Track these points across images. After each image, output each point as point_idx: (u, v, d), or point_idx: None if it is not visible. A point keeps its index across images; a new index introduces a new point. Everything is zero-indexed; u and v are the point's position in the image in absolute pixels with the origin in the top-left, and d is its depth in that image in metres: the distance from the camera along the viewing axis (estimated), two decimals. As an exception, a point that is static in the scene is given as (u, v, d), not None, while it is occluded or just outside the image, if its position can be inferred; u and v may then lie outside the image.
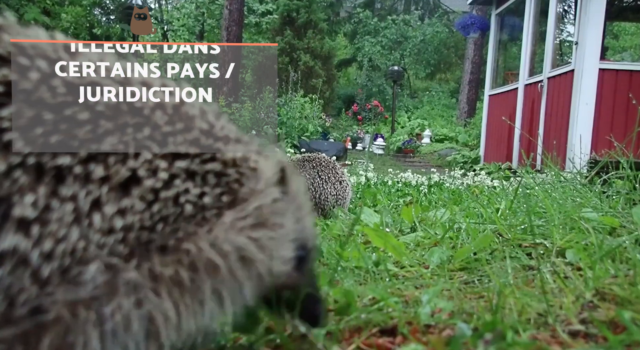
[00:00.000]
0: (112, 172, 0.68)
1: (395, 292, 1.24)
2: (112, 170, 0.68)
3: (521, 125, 8.92)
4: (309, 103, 13.57)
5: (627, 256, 1.34)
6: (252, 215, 0.80)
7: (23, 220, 0.61)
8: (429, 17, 25.59)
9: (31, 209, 0.62)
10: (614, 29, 22.18)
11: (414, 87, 26.28)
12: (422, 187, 4.38)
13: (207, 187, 0.77)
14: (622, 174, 2.30)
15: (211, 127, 0.82)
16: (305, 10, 19.88)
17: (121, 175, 0.69)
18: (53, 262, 0.63)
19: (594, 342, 0.95)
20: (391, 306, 1.11)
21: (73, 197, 0.65)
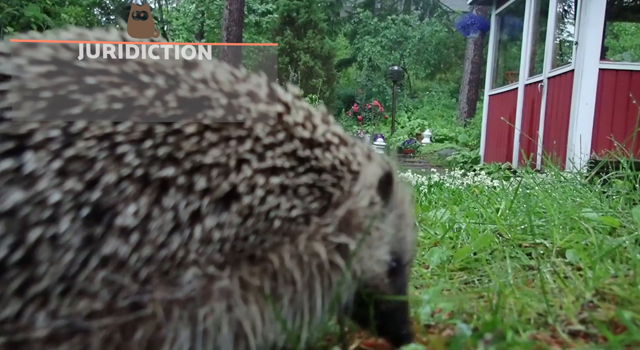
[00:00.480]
0: (214, 185, 0.73)
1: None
2: (213, 183, 0.73)
3: (521, 125, 8.92)
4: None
5: (627, 256, 1.33)
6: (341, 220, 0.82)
7: (124, 228, 0.67)
8: (428, 17, 25.58)
9: (132, 218, 0.68)
10: (614, 29, 22.18)
11: (414, 87, 26.28)
12: (422, 187, 4.38)
13: (297, 199, 0.80)
14: (622, 174, 2.30)
15: (313, 133, 0.84)
16: (305, 10, 19.88)
17: (222, 189, 0.73)
18: (152, 265, 0.69)
19: (594, 342, 0.95)
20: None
21: (174, 208, 0.70)
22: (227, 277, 0.73)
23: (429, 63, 25.01)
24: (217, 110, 0.77)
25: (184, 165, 0.71)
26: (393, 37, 24.28)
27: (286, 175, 0.79)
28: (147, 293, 0.68)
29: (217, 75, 0.82)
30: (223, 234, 0.73)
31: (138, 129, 0.71)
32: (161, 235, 0.69)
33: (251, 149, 0.77)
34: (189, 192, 0.71)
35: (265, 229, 0.77)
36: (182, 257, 0.70)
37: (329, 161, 0.84)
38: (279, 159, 0.79)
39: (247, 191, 0.75)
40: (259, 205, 0.76)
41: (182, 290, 0.70)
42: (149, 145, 0.71)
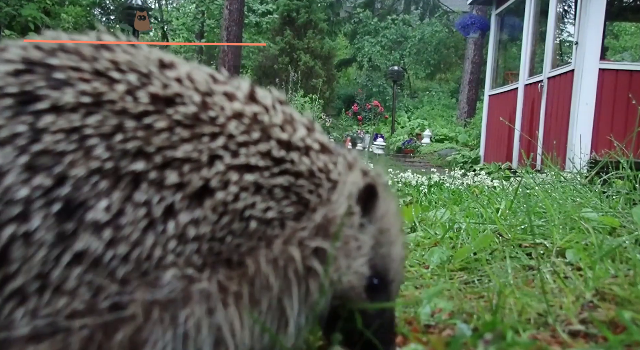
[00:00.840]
0: (186, 180, 0.72)
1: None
2: (185, 178, 0.72)
3: (521, 125, 8.91)
4: (309, 103, 13.56)
5: (627, 256, 1.34)
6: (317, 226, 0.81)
7: (96, 224, 0.67)
8: (428, 17, 25.58)
9: (104, 213, 0.67)
10: (614, 29, 22.18)
11: (414, 87, 26.28)
12: (422, 187, 4.38)
13: (273, 201, 0.78)
14: (622, 174, 2.30)
15: (291, 137, 0.83)
16: (305, 10, 19.88)
17: (194, 184, 0.72)
18: (128, 264, 0.68)
19: (594, 342, 0.95)
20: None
21: (147, 203, 0.69)
22: (206, 279, 0.72)
23: (429, 63, 25.01)
24: (189, 107, 0.76)
25: (154, 160, 0.71)
26: (393, 37, 24.28)
27: (260, 174, 0.78)
28: (127, 294, 0.68)
29: (193, 75, 0.81)
30: (198, 231, 0.72)
31: (108, 122, 0.70)
32: (135, 232, 0.68)
33: (224, 145, 0.76)
34: (161, 187, 0.70)
35: (241, 231, 0.76)
36: (159, 257, 0.69)
37: (306, 166, 0.82)
38: (252, 157, 0.78)
39: (220, 187, 0.74)
40: (232, 202, 0.75)
41: (162, 291, 0.69)
42: (118, 139, 0.70)
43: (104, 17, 23.59)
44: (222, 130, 0.77)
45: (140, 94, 0.74)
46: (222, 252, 0.74)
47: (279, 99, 0.89)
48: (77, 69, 0.73)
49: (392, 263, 0.91)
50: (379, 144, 15.83)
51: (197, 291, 0.71)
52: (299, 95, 13.28)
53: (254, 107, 0.82)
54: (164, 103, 0.75)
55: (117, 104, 0.72)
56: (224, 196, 0.74)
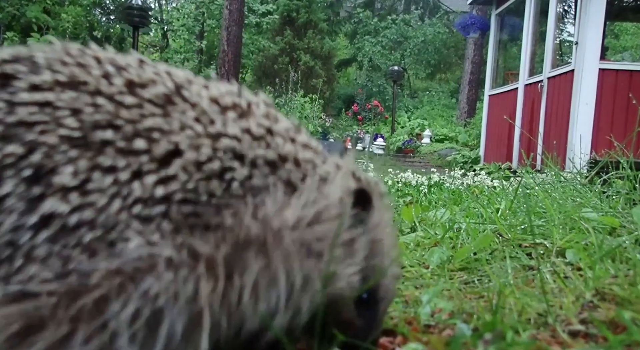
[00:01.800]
0: (154, 146, 0.71)
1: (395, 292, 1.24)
2: (153, 144, 0.71)
3: (521, 125, 8.92)
4: (309, 103, 13.57)
5: (627, 256, 1.34)
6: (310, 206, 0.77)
7: (63, 187, 0.67)
8: (429, 17, 25.59)
9: (71, 178, 0.67)
10: (614, 29, 22.18)
11: (414, 87, 26.28)
12: (422, 187, 4.38)
13: (257, 170, 0.76)
14: (622, 174, 2.30)
15: (272, 125, 0.81)
16: (305, 10, 19.89)
17: (162, 147, 0.71)
18: (95, 230, 0.67)
19: (594, 342, 0.95)
20: (391, 306, 1.11)
21: (113, 169, 0.69)
22: (173, 245, 0.69)
23: (429, 63, 25.02)
24: (161, 88, 0.77)
25: (123, 130, 0.71)
26: (393, 37, 24.28)
27: (239, 143, 0.75)
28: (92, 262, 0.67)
29: (173, 71, 0.82)
30: (167, 190, 0.70)
31: (81, 99, 0.72)
32: (102, 198, 0.68)
33: (196, 118, 0.75)
34: (129, 153, 0.70)
35: (222, 192, 0.73)
36: (125, 223, 0.68)
37: (290, 153, 0.80)
38: (230, 128, 0.76)
39: (190, 148, 0.72)
40: (207, 163, 0.72)
41: (126, 259, 0.68)
42: (89, 111, 0.71)
43: (104, 17, 23.60)
44: (195, 107, 0.76)
45: (115, 79, 0.76)
46: (198, 214, 0.71)
47: (265, 100, 0.87)
48: (60, 60, 0.76)
49: (383, 278, 0.87)
50: (379, 144, 15.84)
51: (162, 259, 0.69)
52: (299, 95, 13.28)
53: (234, 97, 0.82)
54: (138, 86, 0.76)
55: (92, 85, 0.74)
56: (195, 156, 0.72)
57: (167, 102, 0.76)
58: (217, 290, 0.71)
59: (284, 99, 13.36)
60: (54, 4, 15.82)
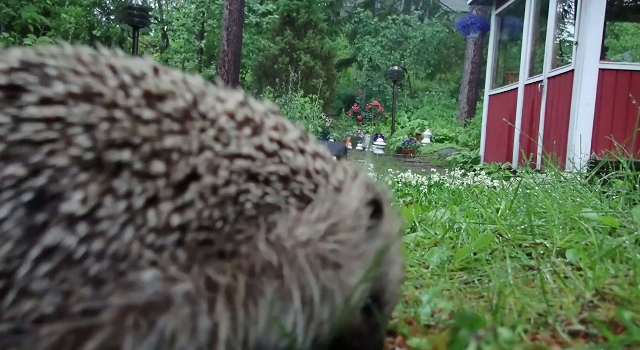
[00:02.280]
0: (172, 169, 0.67)
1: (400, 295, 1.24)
2: (171, 167, 0.67)
3: (521, 125, 8.92)
4: (309, 103, 13.58)
5: (627, 256, 1.33)
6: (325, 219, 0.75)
7: (70, 216, 0.61)
8: (429, 17, 25.59)
9: (79, 205, 0.61)
10: (614, 29, 22.18)
11: (414, 87, 26.29)
12: (422, 187, 4.38)
13: (270, 188, 0.74)
14: (622, 174, 2.30)
15: (282, 137, 0.79)
16: (305, 10, 19.90)
17: (180, 171, 0.67)
18: (103, 262, 0.62)
19: (594, 342, 0.95)
20: (391, 306, 1.11)
21: (128, 194, 0.64)
22: (191, 278, 0.65)
23: (429, 63, 25.03)
24: (179, 102, 0.73)
25: (141, 150, 0.66)
26: (393, 37, 24.29)
27: (253, 162, 0.73)
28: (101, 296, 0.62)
29: (188, 79, 0.80)
30: (183, 218, 0.65)
31: (95, 113, 0.66)
32: (113, 226, 0.62)
33: (215, 137, 0.72)
34: (145, 177, 0.65)
35: (236, 216, 0.69)
36: (138, 254, 0.63)
37: (302, 164, 0.78)
38: (245, 147, 0.74)
39: (208, 172, 0.69)
40: (223, 187, 0.69)
41: (140, 294, 0.63)
42: (104, 128, 0.65)
43: (104, 17, 23.60)
44: (213, 124, 0.73)
45: (132, 90, 0.71)
46: (213, 241, 0.68)
47: (271, 108, 0.86)
48: (73, 69, 0.71)
49: (389, 284, 0.88)
50: (379, 144, 15.84)
51: (179, 293, 0.64)
52: (299, 96, 13.29)
53: (245, 110, 0.80)
54: (155, 99, 0.72)
55: (107, 97, 0.68)
56: (212, 180, 0.69)
57: (185, 118, 0.71)
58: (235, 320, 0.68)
59: (284, 99, 13.37)
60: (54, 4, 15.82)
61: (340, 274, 0.76)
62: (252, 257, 0.69)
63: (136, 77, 0.73)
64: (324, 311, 0.75)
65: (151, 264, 0.64)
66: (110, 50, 0.80)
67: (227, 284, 0.67)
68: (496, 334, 0.88)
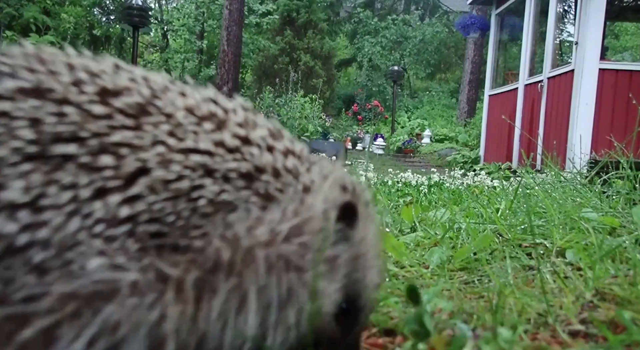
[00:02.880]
0: (121, 163, 0.66)
1: (395, 292, 1.24)
2: (120, 161, 0.66)
3: (521, 125, 8.92)
4: (309, 103, 13.58)
5: (627, 256, 1.34)
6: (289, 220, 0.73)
7: (11, 204, 0.61)
8: (429, 17, 25.60)
9: (20, 194, 0.61)
10: (614, 29, 22.18)
11: (414, 87, 26.29)
12: (422, 187, 4.38)
13: (229, 185, 0.72)
14: (622, 174, 2.30)
15: (248, 133, 0.77)
16: (305, 10, 19.89)
17: (130, 165, 0.67)
18: (48, 251, 0.61)
19: (594, 342, 0.95)
20: (391, 306, 1.11)
21: (73, 185, 0.63)
22: (139, 268, 0.64)
23: (429, 63, 25.02)
24: (135, 97, 0.72)
25: (88, 144, 0.66)
26: (393, 37, 24.29)
27: (211, 158, 0.71)
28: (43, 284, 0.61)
29: (150, 76, 0.78)
30: (132, 210, 0.65)
31: (43, 109, 0.66)
32: (58, 216, 0.62)
33: (169, 131, 0.71)
34: (92, 169, 0.65)
35: (190, 211, 0.68)
36: (85, 243, 0.62)
37: (268, 162, 0.76)
38: (202, 142, 0.72)
39: (158, 166, 0.68)
40: (176, 181, 0.68)
41: (84, 282, 0.61)
42: (51, 122, 0.65)
43: (104, 17, 23.60)
44: (169, 119, 0.72)
45: (86, 87, 0.70)
46: (166, 234, 0.67)
47: (242, 105, 0.83)
48: (27, 67, 0.71)
49: (365, 289, 0.85)
50: (379, 144, 15.84)
51: (126, 283, 0.63)
52: (299, 95, 13.29)
53: (210, 105, 0.78)
54: (110, 95, 0.71)
55: (59, 93, 0.68)
56: (163, 174, 0.68)
57: (140, 113, 0.71)
58: (185, 315, 0.67)
59: (284, 99, 13.37)
60: (54, 4, 15.82)
61: (305, 278, 0.74)
62: (207, 252, 0.68)
63: (93, 74, 0.73)
64: (288, 314, 0.74)
65: (99, 253, 0.63)
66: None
67: (177, 277, 0.66)
68: (496, 334, 0.88)
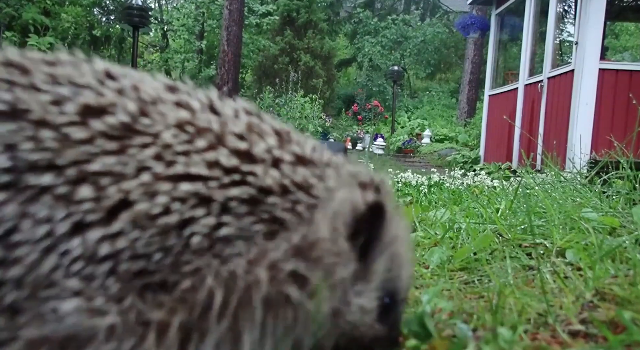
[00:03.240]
0: (102, 195, 0.60)
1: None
2: (101, 192, 0.61)
3: (521, 125, 8.92)
4: (309, 103, 13.57)
5: (627, 256, 1.33)
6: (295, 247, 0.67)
7: None
8: (429, 17, 25.60)
9: None
10: (614, 29, 22.18)
11: (414, 87, 26.29)
12: (422, 187, 4.38)
13: (229, 216, 0.64)
14: (622, 174, 2.30)
15: (250, 147, 0.70)
16: (305, 11, 19.90)
17: (111, 197, 0.61)
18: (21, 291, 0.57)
19: (594, 342, 0.95)
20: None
21: (49, 220, 0.58)
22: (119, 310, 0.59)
23: (429, 63, 25.03)
24: (120, 116, 0.65)
25: (65, 174, 0.60)
26: (393, 37, 24.29)
27: (205, 185, 0.64)
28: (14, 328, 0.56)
29: (142, 84, 0.71)
30: (113, 247, 0.59)
31: (20, 133, 0.60)
32: (32, 253, 0.57)
33: (155, 155, 0.64)
34: (69, 201, 0.60)
35: (180, 247, 0.62)
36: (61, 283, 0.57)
37: (274, 180, 0.68)
38: (193, 166, 0.64)
39: (142, 198, 0.61)
40: (163, 216, 0.62)
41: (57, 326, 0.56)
42: (26, 148, 0.60)
43: (104, 17, 23.61)
44: (155, 140, 0.65)
45: (67, 106, 0.64)
46: (151, 272, 0.61)
47: (246, 108, 0.76)
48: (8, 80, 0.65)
49: (402, 283, 0.84)
50: (379, 144, 15.83)
51: (103, 327, 0.58)
52: (299, 95, 13.28)
53: (207, 115, 0.71)
54: (93, 114, 0.65)
55: (36, 114, 0.62)
56: (147, 207, 0.61)
57: (125, 134, 0.64)
58: None
59: (284, 99, 13.36)
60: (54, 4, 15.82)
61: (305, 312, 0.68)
62: (197, 292, 0.62)
63: (78, 86, 0.67)
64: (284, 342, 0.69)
65: (74, 294, 0.58)
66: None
67: (160, 320, 0.61)
68: (496, 334, 0.88)
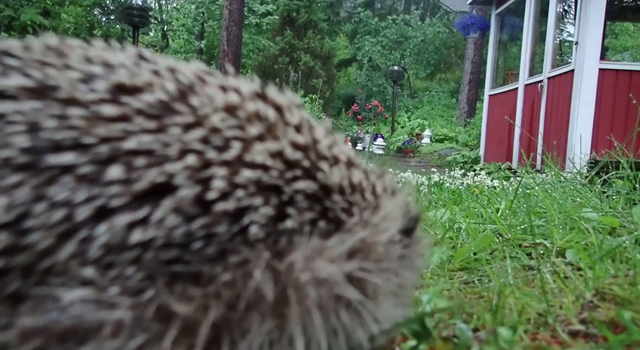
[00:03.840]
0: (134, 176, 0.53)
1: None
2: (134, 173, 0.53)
3: (521, 125, 8.92)
4: (309, 103, 13.58)
5: (627, 256, 1.33)
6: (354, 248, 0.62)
7: None
8: (429, 17, 25.61)
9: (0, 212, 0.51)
10: (614, 29, 22.18)
11: (414, 87, 26.29)
12: (422, 187, 4.38)
13: (292, 209, 0.59)
14: (622, 174, 2.30)
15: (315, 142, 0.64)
16: (305, 11, 19.91)
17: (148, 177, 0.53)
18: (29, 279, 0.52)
19: (594, 342, 0.95)
20: (391, 306, 1.11)
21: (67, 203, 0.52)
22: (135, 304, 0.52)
23: (429, 63, 25.04)
24: (158, 94, 0.58)
25: (93, 152, 0.53)
26: (393, 37, 24.30)
27: (269, 175, 0.58)
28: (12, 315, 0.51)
29: (180, 67, 0.65)
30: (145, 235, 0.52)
31: (45, 111, 0.55)
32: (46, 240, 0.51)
33: (203, 138, 0.57)
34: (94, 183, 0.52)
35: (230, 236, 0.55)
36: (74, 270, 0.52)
37: (336, 178, 0.64)
38: (257, 154, 0.58)
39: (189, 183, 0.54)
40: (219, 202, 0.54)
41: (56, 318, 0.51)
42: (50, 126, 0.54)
43: (104, 17, 23.60)
44: (203, 121, 0.58)
45: (99, 83, 0.58)
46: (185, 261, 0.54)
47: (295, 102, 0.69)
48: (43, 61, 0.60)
49: None
50: (379, 144, 15.84)
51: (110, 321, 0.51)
52: (299, 95, 13.28)
53: (258, 104, 0.63)
54: (127, 92, 0.58)
55: (65, 91, 0.56)
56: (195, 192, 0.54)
57: (165, 112, 0.57)
58: None
59: (284, 99, 13.36)
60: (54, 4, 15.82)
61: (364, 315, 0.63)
62: (241, 286, 0.55)
63: (110, 66, 0.61)
64: None
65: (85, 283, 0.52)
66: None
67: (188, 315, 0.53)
68: (496, 334, 0.88)
